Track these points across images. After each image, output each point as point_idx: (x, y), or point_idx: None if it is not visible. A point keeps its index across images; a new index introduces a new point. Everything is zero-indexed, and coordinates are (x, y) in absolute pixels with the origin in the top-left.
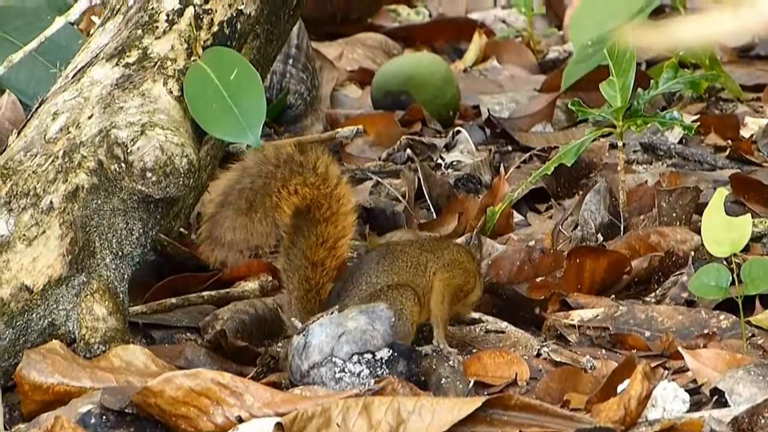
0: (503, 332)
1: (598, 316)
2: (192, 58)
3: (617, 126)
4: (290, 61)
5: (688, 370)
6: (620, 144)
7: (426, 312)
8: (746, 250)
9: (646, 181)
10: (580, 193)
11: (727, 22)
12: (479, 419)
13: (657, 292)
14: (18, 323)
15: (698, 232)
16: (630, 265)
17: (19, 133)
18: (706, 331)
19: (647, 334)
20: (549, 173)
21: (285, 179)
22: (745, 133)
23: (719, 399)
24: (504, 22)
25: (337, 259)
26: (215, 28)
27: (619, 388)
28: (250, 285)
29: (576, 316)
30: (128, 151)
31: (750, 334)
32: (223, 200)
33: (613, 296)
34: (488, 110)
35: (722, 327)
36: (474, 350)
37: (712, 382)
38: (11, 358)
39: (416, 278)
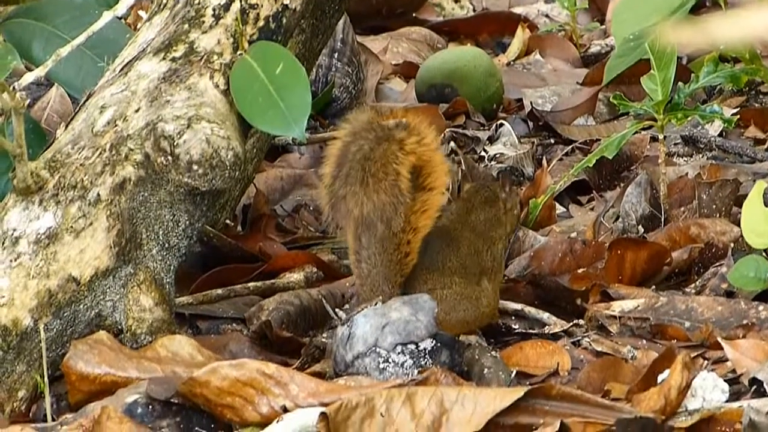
0: (545, 323)
1: (638, 306)
2: (238, 53)
3: (658, 119)
4: (335, 55)
5: (727, 360)
6: (661, 137)
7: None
8: None
9: (687, 174)
10: (622, 185)
11: (766, 17)
12: (521, 409)
13: (697, 283)
14: (65, 314)
15: (738, 223)
16: (670, 257)
17: (67, 126)
18: (745, 322)
19: (687, 324)
20: (591, 166)
21: (402, 140)
22: None
23: (758, 389)
24: (547, 16)
25: (428, 228)
26: (261, 23)
27: (660, 378)
28: (296, 276)
29: (617, 307)
30: (175, 144)
31: None
32: (338, 172)
33: (653, 287)
34: (531, 103)
35: (761, 318)
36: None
37: (751, 372)
38: (59, 349)
39: (474, 256)
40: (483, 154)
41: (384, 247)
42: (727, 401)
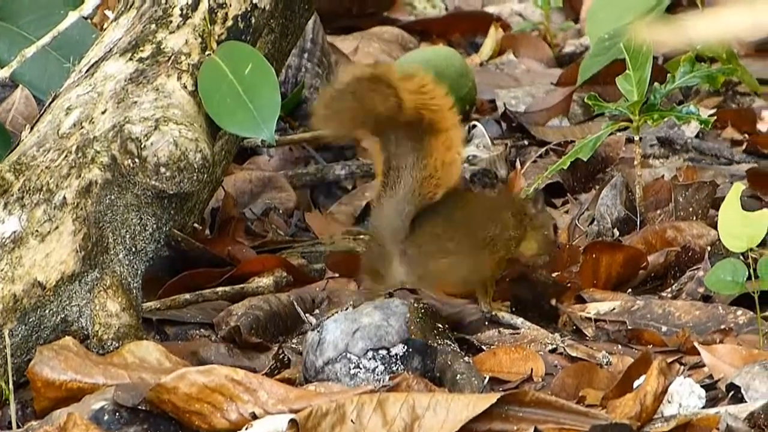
0: (519, 330)
1: (614, 309)
2: (206, 53)
3: (634, 120)
4: (305, 55)
5: (704, 365)
6: (637, 138)
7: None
8: (763, 244)
9: (663, 176)
10: (597, 187)
11: (744, 16)
12: (494, 415)
13: (673, 287)
14: (30, 319)
15: (715, 226)
16: (646, 260)
17: (32, 128)
18: (722, 327)
19: (663, 329)
20: (565, 168)
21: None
22: (762, 127)
23: (735, 395)
24: (520, 15)
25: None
26: (229, 23)
27: (635, 383)
28: (265, 281)
29: (593, 309)
30: (142, 146)
31: (766, 330)
32: (329, 101)
33: (629, 291)
34: (504, 104)
35: (739, 323)
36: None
37: (729, 377)
38: (24, 355)
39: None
40: None
41: (413, 162)
42: (703, 407)
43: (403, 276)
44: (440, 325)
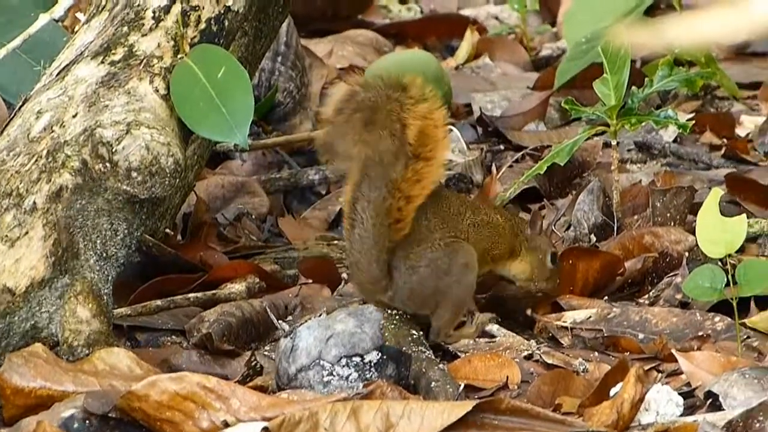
0: (494, 337)
1: (590, 317)
2: (179, 56)
3: (611, 124)
4: (279, 59)
5: (682, 373)
6: (614, 143)
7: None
8: (741, 250)
9: (640, 181)
10: (573, 192)
11: (723, 19)
12: (469, 423)
13: (651, 293)
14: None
15: (693, 232)
16: (624, 267)
17: (1, 132)
18: (700, 334)
19: (641, 336)
20: (542, 173)
21: (414, 100)
22: (740, 131)
23: (713, 402)
24: (497, 18)
25: (421, 199)
26: (202, 26)
27: (612, 391)
28: (237, 287)
29: (569, 318)
30: (113, 150)
31: (745, 337)
32: (341, 108)
33: (606, 298)
34: (480, 108)
35: (717, 329)
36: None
37: (707, 385)
38: None
39: (456, 224)
40: None
41: (377, 211)
42: (681, 415)
43: (406, 310)
44: (415, 332)
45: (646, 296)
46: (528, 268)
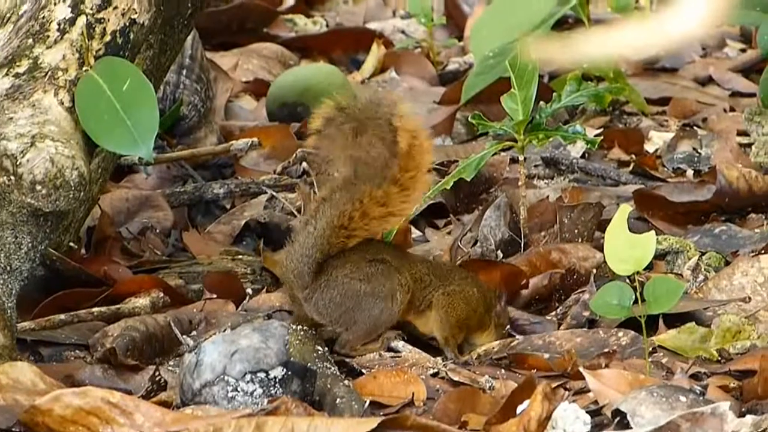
0: (400, 353)
1: (494, 348)
2: (84, 69)
3: (518, 140)
4: (184, 72)
5: (589, 391)
6: (521, 158)
7: (415, 316)
8: (650, 268)
9: (548, 197)
10: (480, 208)
11: (632, 34)
12: None
13: (558, 311)
14: None
15: (600, 249)
16: (526, 278)
17: None
18: (606, 350)
19: (546, 355)
20: (448, 188)
21: (403, 116)
22: (649, 147)
23: (621, 421)
24: (403, 32)
25: (383, 228)
26: (108, 38)
27: (519, 409)
28: (141, 301)
29: (474, 354)
30: (18, 163)
31: (651, 349)
32: (331, 118)
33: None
34: None
35: (622, 344)
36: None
37: (614, 403)
38: None
39: (416, 285)
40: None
41: (332, 211)
42: None
43: (315, 317)
44: (320, 348)
45: (554, 313)
46: (489, 340)
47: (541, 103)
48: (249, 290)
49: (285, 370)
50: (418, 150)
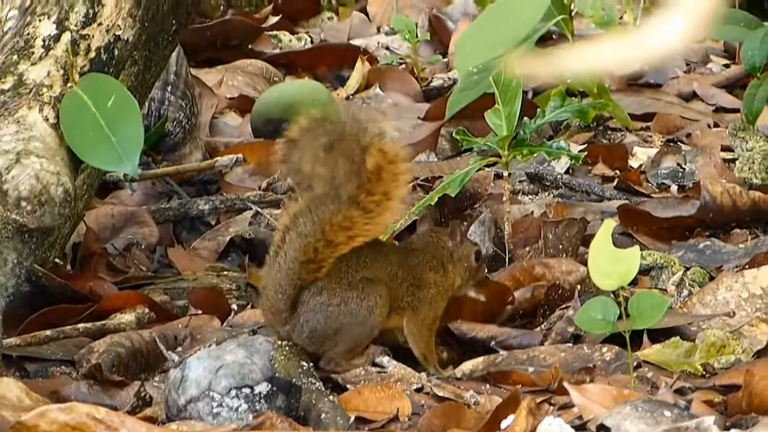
0: (385, 368)
1: (479, 367)
2: (68, 85)
3: (503, 155)
4: (169, 88)
5: (573, 405)
6: (506, 174)
7: (397, 320)
8: (634, 283)
9: (532, 212)
10: (465, 224)
11: (616, 50)
12: None
13: (542, 326)
14: None
15: (585, 264)
16: (512, 295)
17: None
18: (590, 365)
19: (531, 369)
20: (433, 204)
21: (380, 135)
22: (633, 163)
23: None
24: (387, 48)
25: (345, 249)
26: (92, 54)
27: (504, 424)
28: (126, 317)
29: (458, 372)
30: (3, 179)
31: (635, 364)
32: (309, 129)
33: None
34: None
35: (606, 359)
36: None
37: (599, 418)
38: None
39: (392, 284)
40: None
41: (298, 244)
42: None
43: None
44: (305, 364)
45: (539, 328)
46: (458, 281)
47: (525, 118)
48: (234, 306)
49: (270, 385)
50: (391, 176)
